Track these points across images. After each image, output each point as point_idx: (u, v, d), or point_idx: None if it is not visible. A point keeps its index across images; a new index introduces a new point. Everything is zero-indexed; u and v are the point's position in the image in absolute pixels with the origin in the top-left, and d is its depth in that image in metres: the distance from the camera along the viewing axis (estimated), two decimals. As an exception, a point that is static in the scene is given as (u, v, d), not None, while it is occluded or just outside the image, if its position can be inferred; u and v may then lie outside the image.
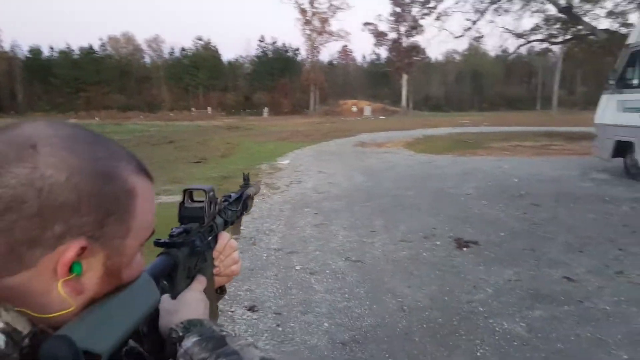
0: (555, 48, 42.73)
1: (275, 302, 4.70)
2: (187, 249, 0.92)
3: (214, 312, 0.99)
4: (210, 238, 1.03)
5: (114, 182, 0.63)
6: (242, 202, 1.31)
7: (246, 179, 1.45)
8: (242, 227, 1.36)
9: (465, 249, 6.14)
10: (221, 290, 1.13)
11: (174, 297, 0.89)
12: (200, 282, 0.96)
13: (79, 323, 0.61)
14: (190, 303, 0.89)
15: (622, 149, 10.80)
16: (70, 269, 0.60)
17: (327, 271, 5.51)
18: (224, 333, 0.79)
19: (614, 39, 21.74)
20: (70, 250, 0.59)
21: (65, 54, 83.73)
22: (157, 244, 0.88)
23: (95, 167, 0.62)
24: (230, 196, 1.27)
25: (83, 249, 0.60)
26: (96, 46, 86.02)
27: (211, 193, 1.01)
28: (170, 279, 0.89)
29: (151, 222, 0.72)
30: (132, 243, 0.68)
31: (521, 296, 4.68)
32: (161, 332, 0.85)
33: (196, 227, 0.97)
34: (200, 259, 0.97)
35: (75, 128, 0.66)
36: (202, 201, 0.99)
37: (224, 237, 1.08)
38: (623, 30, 23.26)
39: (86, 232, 0.60)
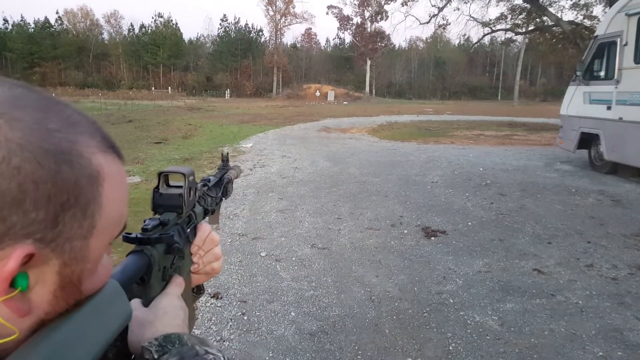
0: (519, 38, 43.44)
1: (240, 290, 4.54)
2: (164, 245, 0.75)
3: (191, 316, 0.83)
4: (189, 230, 0.86)
5: (72, 163, 0.47)
6: (222, 187, 1.12)
7: (225, 160, 1.27)
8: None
9: (433, 238, 6.05)
10: (198, 290, 0.96)
11: (146, 303, 0.72)
12: (177, 285, 0.79)
13: (25, 357, 0.46)
14: (167, 312, 0.72)
15: (587, 140, 10.91)
16: (13, 283, 0.45)
17: (293, 258, 5.36)
18: (211, 356, 0.63)
19: (578, 31, 22.12)
20: (10, 259, 0.43)
21: (20, 27, 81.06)
22: (127, 239, 0.71)
23: (46, 143, 0.46)
24: (209, 180, 1.10)
25: (29, 256, 0.45)
26: (52, 20, 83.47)
27: (191, 177, 0.83)
28: (143, 282, 0.72)
29: (122, 214, 0.56)
30: (98, 243, 0.52)
31: (492, 288, 4.60)
32: (130, 348, 0.68)
33: (174, 218, 0.80)
34: (178, 256, 0.80)
35: (17, 88, 0.49)
36: (181, 186, 0.82)
37: (204, 229, 0.91)
38: (587, 22, 23.72)
39: (33, 234, 0.45)
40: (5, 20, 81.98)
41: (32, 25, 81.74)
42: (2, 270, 0.43)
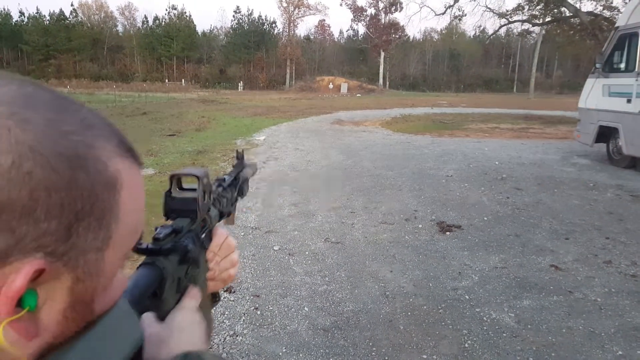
0: (536, 30, 43.02)
1: (253, 284, 4.52)
2: (177, 255, 0.69)
3: (208, 324, 0.77)
4: (203, 236, 0.80)
5: (88, 168, 0.43)
6: (237, 187, 1.07)
7: (240, 157, 1.19)
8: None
9: (448, 232, 5.98)
10: (213, 298, 0.90)
11: (160, 318, 0.67)
12: (193, 297, 0.73)
13: None
14: (183, 328, 0.67)
15: (606, 134, 10.74)
16: (20, 302, 0.40)
17: (307, 252, 5.32)
18: None
19: (597, 22, 21.79)
20: (19, 276, 0.39)
21: (36, 19, 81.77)
22: (138, 250, 0.65)
23: (60, 146, 0.41)
24: (224, 180, 1.03)
25: (39, 272, 0.40)
26: (67, 12, 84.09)
27: (205, 179, 0.78)
28: (156, 296, 0.66)
29: (139, 223, 0.52)
30: (113, 256, 0.48)
31: (508, 284, 4.53)
32: None
33: (187, 225, 0.75)
34: (193, 265, 0.74)
35: (28, 86, 0.44)
36: (194, 189, 0.76)
37: (220, 234, 0.86)
38: (607, 13, 23.36)
39: (44, 247, 0.40)
40: (21, 13, 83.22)
41: (47, 18, 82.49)
42: (9, 288, 0.39)
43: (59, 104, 0.45)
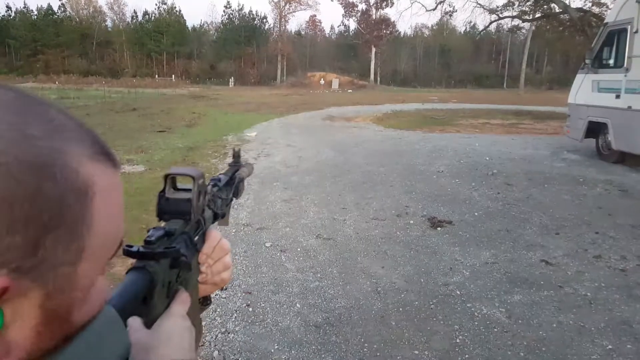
0: (525, 26, 43.20)
1: (244, 281, 4.52)
2: (169, 260, 0.67)
3: (197, 330, 0.74)
4: (196, 238, 0.77)
5: (55, 177, 0.39)
6: (233, 187, 1.04)
7: (237, 156, 1.15)
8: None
9: (439, 228, 6.00)
10: (204, 301, 0.87)
11: (148, 324, 0.64)
12: (183, 303, 0.70)
13: None
14: (172, 335, 0.63)
15: (595, 129, 10.81)
16: None
17: (298, 249, 5.33)
18: None
19: (586, 18, 21.91)
20: None
21: (23, 14, 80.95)
22: (129, 253, 0.62)
23: (24, 154, 0.38)
24: (219, 179, 0.98)
25: (3, 289, 0.37)
26: (55, 6, 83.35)
27: (201, 180, 0.75)
28: (145, 301, 0.63)
29: (118, 230, 0.48)
30: (88, 268, 0.44)
31: (499, 279, 4.56)
32: None
33: (181, 227, 0.72)
34: (184, 268, 0.71)
35: None
36: (189, 190, 0.74)
37: (214, 236, 0.82)
38: (596, 9, 23.49)
39: (8, 263, 0.37)
40: (8, 8, 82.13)
41: (35, 13, 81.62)
42: None
43: (22, 105, 0.41)
